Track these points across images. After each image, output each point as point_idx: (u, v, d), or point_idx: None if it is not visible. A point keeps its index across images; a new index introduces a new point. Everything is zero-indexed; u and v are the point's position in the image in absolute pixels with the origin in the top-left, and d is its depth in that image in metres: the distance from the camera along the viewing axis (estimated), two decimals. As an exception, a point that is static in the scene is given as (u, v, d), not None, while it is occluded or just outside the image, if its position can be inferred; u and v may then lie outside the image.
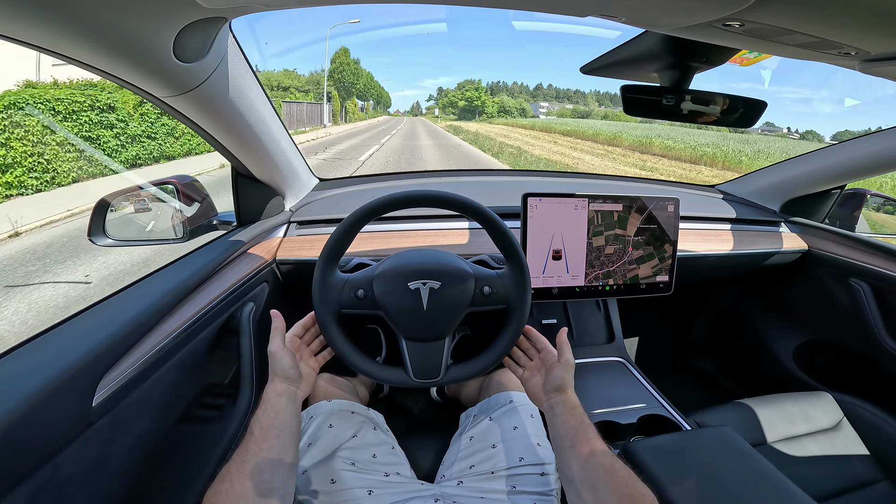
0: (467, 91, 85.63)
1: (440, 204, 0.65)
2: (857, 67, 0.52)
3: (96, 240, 0.88)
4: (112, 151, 8.05)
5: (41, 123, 6.60)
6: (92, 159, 7.52)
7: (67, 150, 6.98)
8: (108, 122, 7.94)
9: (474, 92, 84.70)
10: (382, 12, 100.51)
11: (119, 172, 7.95)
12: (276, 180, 1.02)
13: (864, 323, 1.12)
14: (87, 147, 7.48)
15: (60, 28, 0.43)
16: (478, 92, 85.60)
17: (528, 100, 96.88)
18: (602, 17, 0.45)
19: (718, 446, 0.75)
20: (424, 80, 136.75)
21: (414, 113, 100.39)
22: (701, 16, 0.39)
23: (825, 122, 70.97)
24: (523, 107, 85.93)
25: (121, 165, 8.20)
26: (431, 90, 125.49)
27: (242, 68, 0.70)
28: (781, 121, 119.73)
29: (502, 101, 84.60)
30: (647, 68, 0.67)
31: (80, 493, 0.49)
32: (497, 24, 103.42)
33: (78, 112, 7.45)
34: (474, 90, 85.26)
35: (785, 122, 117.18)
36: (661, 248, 1.04)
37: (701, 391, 1.58)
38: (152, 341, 0.60)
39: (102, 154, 7.82)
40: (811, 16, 0.37)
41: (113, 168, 7.90)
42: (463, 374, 0.67)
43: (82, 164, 7.28)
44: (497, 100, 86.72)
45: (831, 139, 37.59)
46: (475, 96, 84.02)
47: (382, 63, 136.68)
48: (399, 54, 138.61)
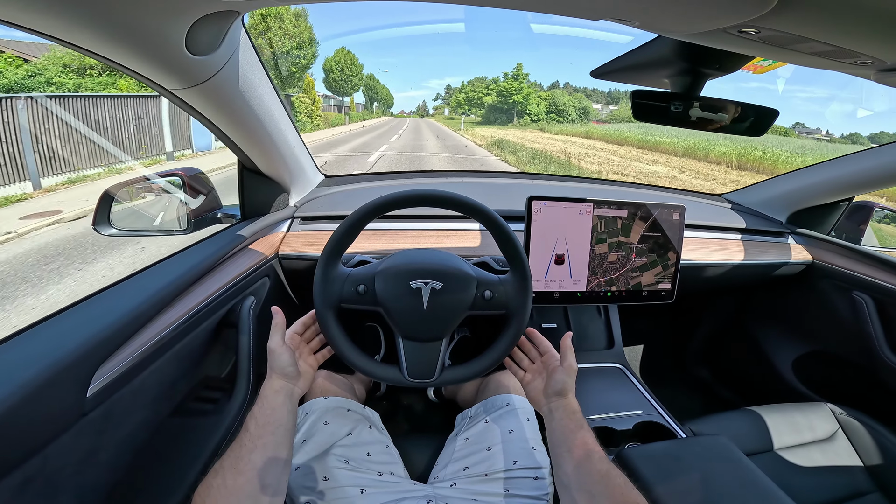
0: (499, 84, 59.31)
1: (445, 204, 0.64)
2: (872, 77, 0.51)
3: (101, 229, 0.88)
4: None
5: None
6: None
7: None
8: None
9: (513, 83, 57.35)
10: (384, 12, 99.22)
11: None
12: (281, 175, 1.02)
13: (865, 336, 1.12)
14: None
15: (76, 19, 0.43)
16: (518, 83, 57.19)
17: (589, 95, 61.34)
18: (615, 20, 0.44)
19: (712, 455, 0.75)
20: (430, 80, 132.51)
21: (420, 114, 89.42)
22: (717, 22, 0.39)
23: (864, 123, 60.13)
24: (584, 105, 55.49)
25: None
26: (439, 90, 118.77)
27: (253, 62, 0.70)
28: (812, 122, 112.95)
29: (553, 98, 55.11)
30: (658, 74, 0.67)
31: (70, 484, 0.49)
32: (499, 25, 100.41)
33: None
34: (512, 80, 57.90)
35: (817, 123, 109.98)
36: (664, 255, 1.03)
37: (699, 399, 1.58)
38: (150, 333, 0.60)
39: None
40: (830, 24, 0.37)
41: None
42: (458, 377, 0.67)
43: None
44: (546, 94, 57.22)
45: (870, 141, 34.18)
46: (514, 88, 56.79)
47: (389, 63, 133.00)
48: (405, 55, 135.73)
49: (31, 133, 5.95)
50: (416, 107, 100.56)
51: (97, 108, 7.32)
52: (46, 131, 6.26)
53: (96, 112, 7.31)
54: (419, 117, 71.61)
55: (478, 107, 64.89)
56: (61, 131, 6.50)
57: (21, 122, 5.82)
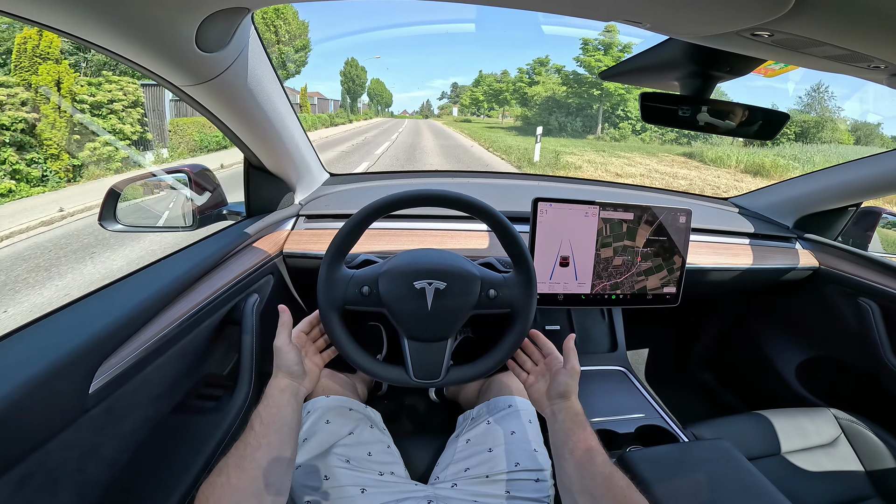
0: (560, 72, 29.84)
1: (450, 204, 0.64)
2: (884, 82, 0.51)
3: (107, 225, 0.88)
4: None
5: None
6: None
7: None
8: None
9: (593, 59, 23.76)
10: (387, 12, 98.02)
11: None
12: (287, 173, 1.02)
13: (870, 342, 1.11)
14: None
15: (87, 14, 0.43)
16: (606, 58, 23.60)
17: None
18: (626, 22, 0.44)
19: (714, 459, 0.75)
20: (434, 80, 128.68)
21: (424, 114, 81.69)
22: (730, 25, 0.38)
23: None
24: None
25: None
26: (445, 89, 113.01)
27: (262, 59, 0.70)
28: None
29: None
30: (667, 76, 0.66)
31: (71, 480, 0.49)
32: (502, 26, 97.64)
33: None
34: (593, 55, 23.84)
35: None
36: (669, 260, 1.02)
37: (702, 403, 1.57)
38: (154, 329, 0.60)
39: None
40: (844, 28, 0.36)
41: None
42: (463, 377, 0.67)
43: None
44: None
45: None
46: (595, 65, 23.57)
47: (394, 64, 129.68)
48: (407, 55, 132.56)
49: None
50: (420, 106, 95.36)
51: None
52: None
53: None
54: (423, 118, 64.49)
55: (500, 104, 41.82)
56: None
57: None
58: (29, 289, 3.43)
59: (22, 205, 5.89)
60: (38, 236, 4.74)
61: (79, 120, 7.27)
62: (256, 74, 0.69)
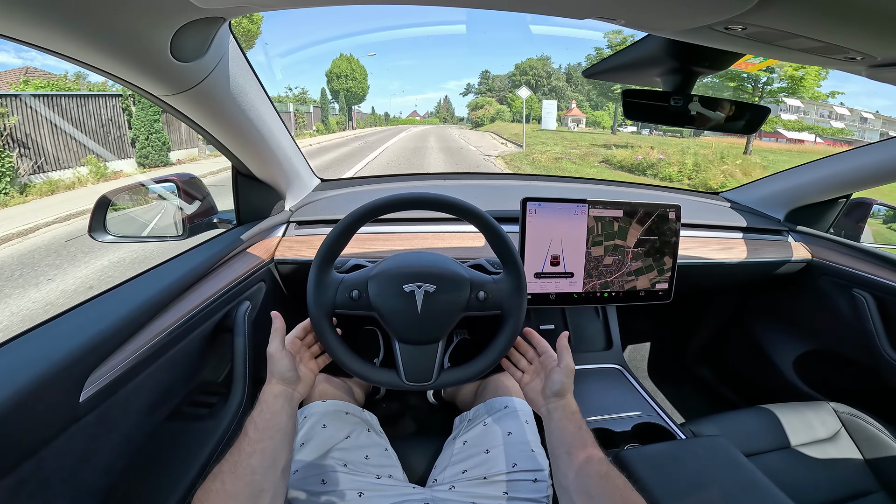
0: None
1: (437, 207, 0.64)
2: (863, 73, 0.51)
3: (97, 236, 0.88)
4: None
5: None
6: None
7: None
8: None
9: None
10: (384, 13, 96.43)
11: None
12: (276, 180, 1.02)
13: (865, 334, 1.11)
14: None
15: (57, 27, 0.43)
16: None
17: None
18: (601, 19, 0.44)
19: (711, 456, 0.75)
20: (448, 81, 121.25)
21: (442, 117, 61.64)
22: (701, 19, 0.38)
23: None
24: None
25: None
26: (460, 89, 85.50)
27: (242, 67, 0.70)
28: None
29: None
30: (649, 72, 0.66)
31: (64, 488, 0.49)
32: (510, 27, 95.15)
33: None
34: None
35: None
36: (660, 260, 1.02)
37: (700, 399, 1.57)
38: (144, 338, 0.60)
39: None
40: (816, 19, 0.36)
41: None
42: (456, 379, 0.67)
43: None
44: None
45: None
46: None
47: (407, 66, 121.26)
48: (419, 56, 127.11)
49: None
50: (436, 107, 69.87)
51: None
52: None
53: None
54: (441, 122, 49.68)
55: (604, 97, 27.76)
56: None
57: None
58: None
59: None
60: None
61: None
62: (238, 82, 0.69)
